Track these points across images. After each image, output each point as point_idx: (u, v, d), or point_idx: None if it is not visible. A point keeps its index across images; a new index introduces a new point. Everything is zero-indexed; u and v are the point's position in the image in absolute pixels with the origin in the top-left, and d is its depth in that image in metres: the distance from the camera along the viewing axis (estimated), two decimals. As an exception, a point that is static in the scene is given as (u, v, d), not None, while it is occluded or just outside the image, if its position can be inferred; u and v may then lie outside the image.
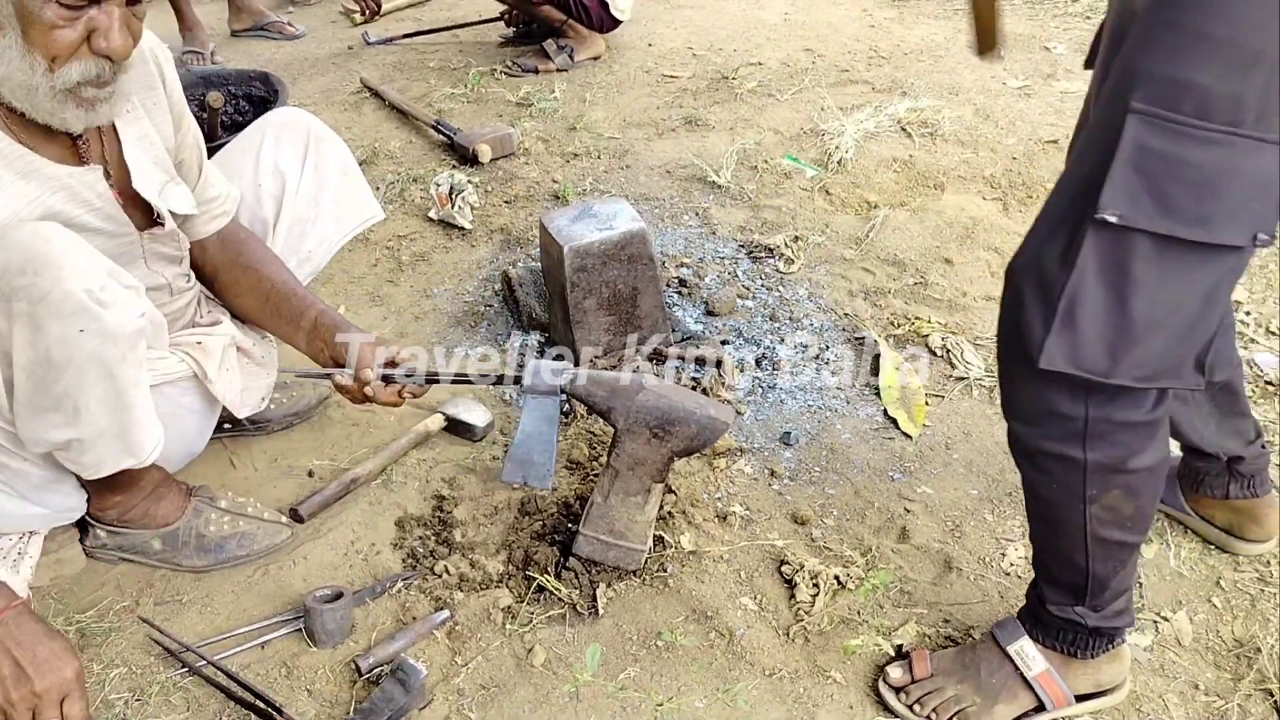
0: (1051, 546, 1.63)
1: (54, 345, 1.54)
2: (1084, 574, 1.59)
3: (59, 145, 1.68)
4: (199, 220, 2.01)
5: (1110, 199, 1.26)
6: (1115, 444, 1.45)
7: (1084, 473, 1.47)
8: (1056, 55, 4.40)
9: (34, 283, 1.50)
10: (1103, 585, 1.61)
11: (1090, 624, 1.65)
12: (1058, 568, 1.63)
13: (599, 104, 4.13)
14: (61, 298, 1.52)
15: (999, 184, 3.40)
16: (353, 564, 2.06)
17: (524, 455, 1.95)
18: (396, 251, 3.15)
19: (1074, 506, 1.52)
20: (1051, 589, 1.66)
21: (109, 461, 1.74)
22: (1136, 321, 1.33)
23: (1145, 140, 1.23)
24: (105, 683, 1.81)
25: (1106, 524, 1.53)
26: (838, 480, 2.28)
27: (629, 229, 2.46)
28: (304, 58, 4.80)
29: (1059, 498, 1.53)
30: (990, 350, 2.65)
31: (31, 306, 1.51)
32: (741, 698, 1.78)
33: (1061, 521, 1.56)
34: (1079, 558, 1.57)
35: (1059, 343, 1.36)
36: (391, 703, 1.69)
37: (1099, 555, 1.56)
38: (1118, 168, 1.25)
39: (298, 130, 2.23)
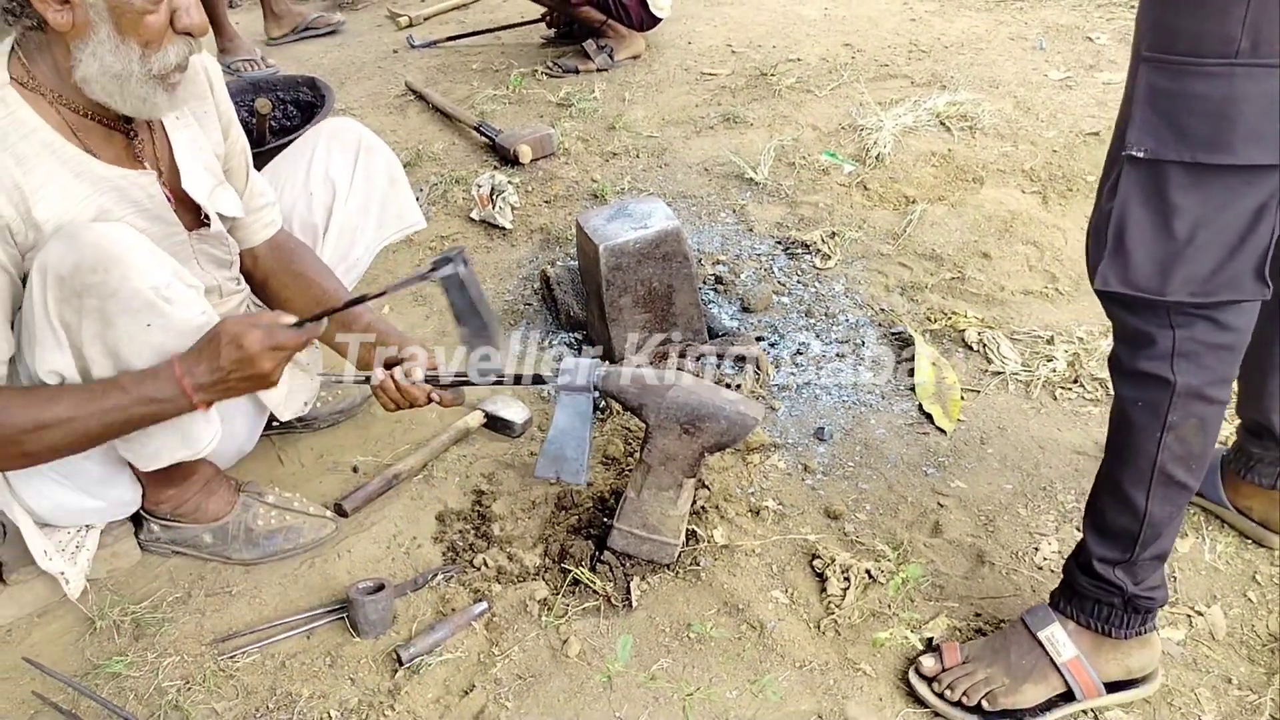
0: (1115, 483, 1.66)
1: (122, 340, 1.64)
2: (1140, 517, 1.63)
3: (115, 147, 1.76)
4: (250, 228, 2.08)
5: (1136, 137, 1.43)
6: (1203, 367, 1.53)
7: (1171, 395, 1.55)
8: (1099, 46, 4.35)
9: (104, 280, 1.59)
10: (1155, 533, 1.64)
11: (1129, 592, 1.67)
12: (1115, 511, 1.66)
13: (638, 103, 4.16)
14: (130, 295, 1.61)
15: (1039, 177, 3.38)
16: (395, 557, 2.12)
17: (557, 451, 1.99)
18: (439, 252, 3.21)
19: (1152, 433, 1.58)
20: (1101, 541, 1.68)
21: (167, 452, 1.82)
22: (1180, 240, 1.45)
23: (1155, 81, 1.40)
24: (159, 670, 1.89)
25: (1175, 459, 1.59)
26: (871, 475, 2.29)
27: (664, 227, 2.50)
28: (350, 62, 4.89)
29: (1141, 419, 1.59)
30: (1028, 345, 2.65)
31: (102, 302, 1.60)
32: (771, 689, 1.81)
33: (1136, 449, 1.61)
34: (1139, 496, 1.62)
35: (1111, 266, 1.51)
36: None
37: (1160, 494, 1.61)
38: (1137, 108, 1.42)
39: (348, 139, 2.29)
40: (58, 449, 1.68)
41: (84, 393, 1.65)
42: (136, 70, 1.61)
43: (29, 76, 1.64)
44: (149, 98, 1.66)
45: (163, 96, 1.68)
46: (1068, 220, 3.15)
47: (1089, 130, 3.62)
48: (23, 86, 1.64)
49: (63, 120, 1.67)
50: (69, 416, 1.64)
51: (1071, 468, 2.27)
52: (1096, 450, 2.30)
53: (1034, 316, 2.77)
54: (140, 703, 1.84)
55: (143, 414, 1.68)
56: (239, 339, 1.66)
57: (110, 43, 1.58)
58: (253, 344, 1.66)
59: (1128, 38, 4.37)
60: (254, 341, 1.66)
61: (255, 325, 1.68)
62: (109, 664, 1.90)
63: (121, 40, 1.58)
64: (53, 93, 1.66)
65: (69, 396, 1.65)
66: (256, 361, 1.67)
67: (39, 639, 1.98)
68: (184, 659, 1.91)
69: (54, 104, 1.66)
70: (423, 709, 1.80)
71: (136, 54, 1.60)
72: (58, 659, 1.92)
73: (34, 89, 1.65)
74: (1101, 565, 1.69)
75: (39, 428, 1.63)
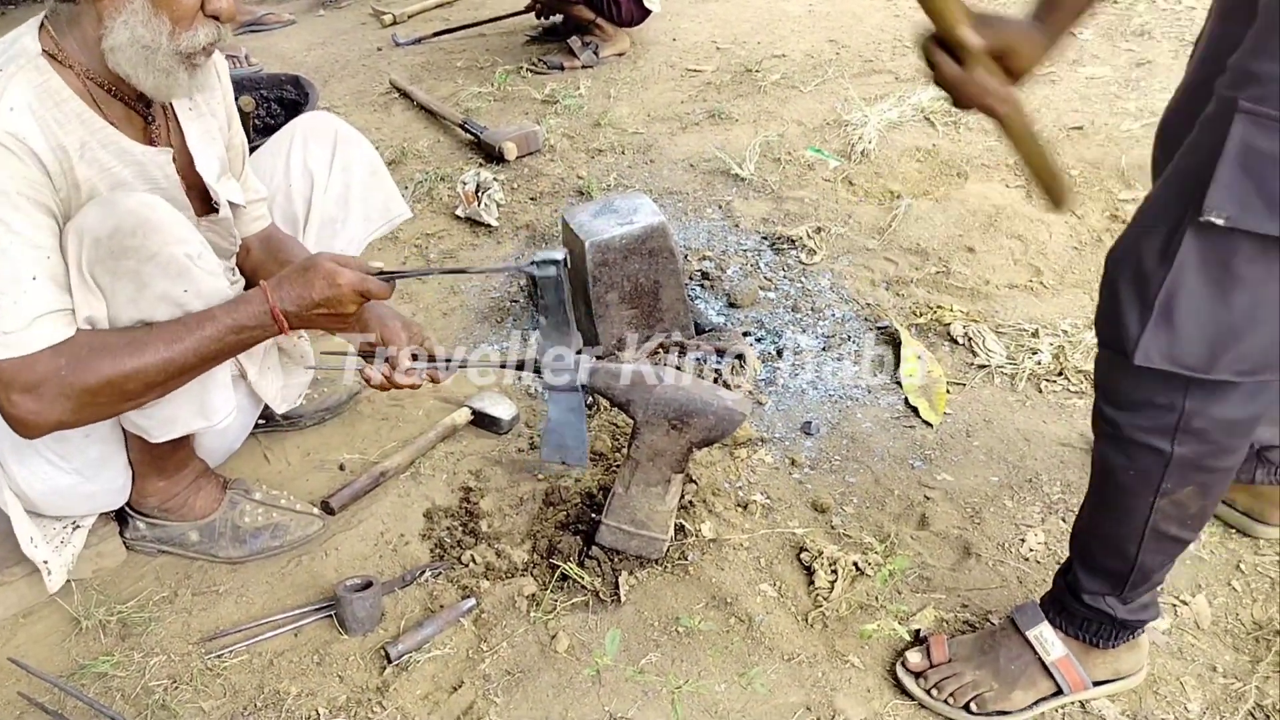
0: (1104, 532, 1.61)
1: (156, 302, 1.66)
2: (1130, 564, 1.58)
3: (134, 126, 1.78)
4: (244, 219, 2.09)
5: (1217, 201, 1.24)
6: (1206, 441, 1.43)
7: (1165, 466, 1.46)
8: (1082, 40, 4.37)
9: (143, 244, 1.62)
10: (1145, 577, 1.61)
11: (1119, 616, 1.65)
12: (1104, 555, 1.62)
13: (623, 99, 4.16)
14: (168, 259, 1.64)
15: (1022, 172, 3.39)
16: (382, 554, 2.11)
17: (558, 441, 1.99)
18: (425, 249, 3.21)
19: (1144, 497, 1.51)
20: (1090, 576, 1.66)
21: (182, 421, 1.83)
22: (1239, 318, 1.31)
23: (1252, 140, 1.21)
24: (145, 670, 1.88)
25: (1169, 519, 1.52)
26: (858, 468, 2.30)
27: (649, 223, 2.50)
28: (334, 60, 4.88)
29: (1133, 485, 1.51)
30: (1012, 338, 2.66)
31: (139, 265, 1.62)
32: (760, 682, 1.81)
33: (1126, 509, 1.55)
34: (1130, 547, 1.57)
35: (1155, 338, 1.35)
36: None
37: (1152, 548, 1.56)
38: (1224, 168, 1.22)
39: (325, 132, 2.29)
40: (154, 387, 1.68)
41: (177, 328, 1.67)
42: (165, 45, 1.63)
43: (58, 49, 1.66)
44: (172, 72, 1.67)
45: (184, 76, 1.69)
46: (1052, 215, 3.16)
47: (1072, 125, 3.63)
48: (53, 59, 1.65)
49: (89, 92, 1.69)
50: (166, 355, 1.65)
51: (1057, 459, 2.28)
52: (1082, 442, 2.31)
53: (1019, 310, 2.78)
54: (127, 702, 1.83)
55: (234, 342, 1.72)
56: (334, 276, 1.70)
57: (143, 14, 1.60)
58: (345, 283, 1.70)
59: (1110, 33, 4.40)
60: (347, 281, 1.71)
61: (348, 266, 1.72)
62: (95, 664, 1.89)
63: (155, 13, 1.61)
64: (80, 65, 1.67)
65: (164, 334, 1.66)
66: (344, 300, 1.72)
67: (24, 640, 1.96)
68: (171, 658, 1.91)
69: (81, 77, 1.68)
70: (411, 706, 1.79)
71: (166, 29, 1.62)
72: (43, 659, 1.91)
73: (63, 61, 1.66)
74: (1090, 596, 1.67)
75: (140, 370, 1.64)
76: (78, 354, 1.61)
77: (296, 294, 1.71)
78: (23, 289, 1.56)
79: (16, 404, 1.59)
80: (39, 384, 1.58)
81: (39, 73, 1.63)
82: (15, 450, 1.84)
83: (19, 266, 1.56)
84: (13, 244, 1.55)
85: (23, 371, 1.58)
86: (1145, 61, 4.07)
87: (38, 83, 1.62)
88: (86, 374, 1.60)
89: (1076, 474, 2.24)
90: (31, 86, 1.61)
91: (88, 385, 1.61)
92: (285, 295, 1.71)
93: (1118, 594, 1.64)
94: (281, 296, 1.71)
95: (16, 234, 1.55)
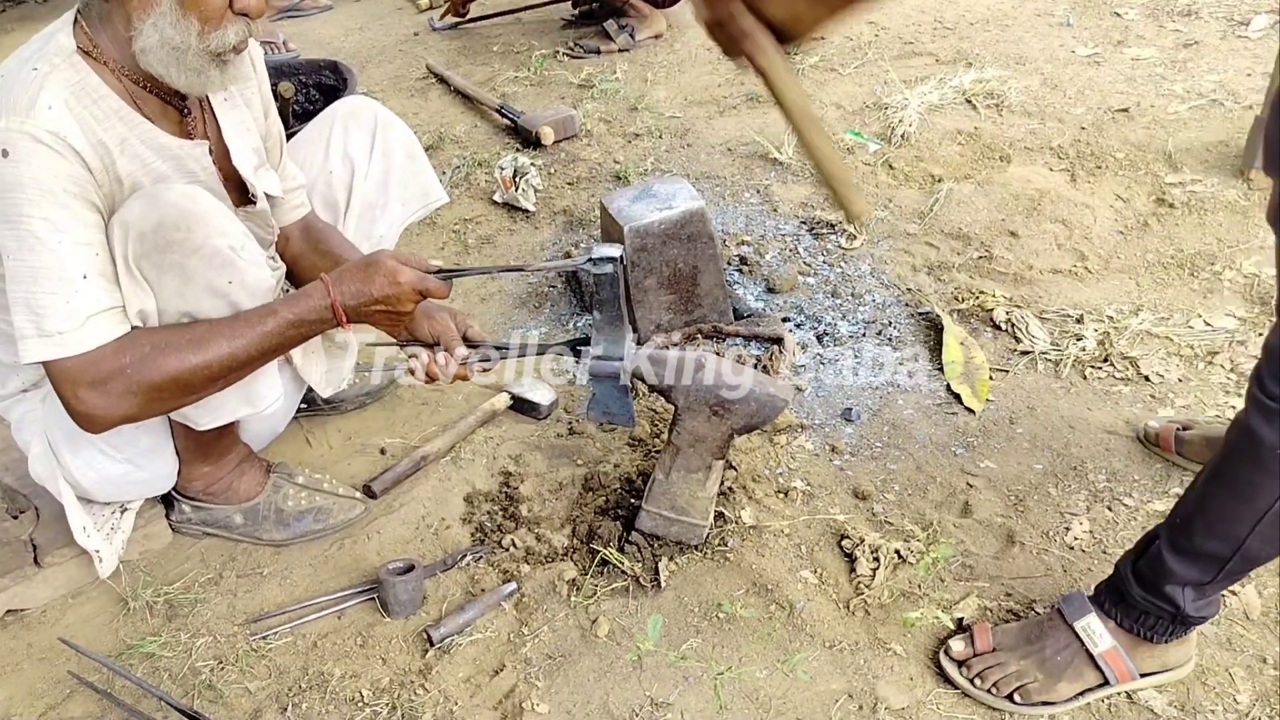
0: (1219, 511, 1.56)
1: (202, 294, 1.67)
2: (1234, 548, 1.54)
3: (170, 120, 1.79)
4: (282, 208, 2.10)
5: None
6: None
7: None
8: (1128, 21, 4.29)
9: (187, 237, 1.63)
10: (1243, 566, 1.56)
11: (1185, 610, 1.61)
12: (1207, 536, 1.57)
13: (660, 83, 4.14)
14: (212, 252, 1.65)
15: (1067, 154, 3.34)
16: (424, 538, 2.13)
17: (604, 409, 1.96)
18: (463, 235, 3.21)
19: (1273, 490, 1.47)
20: (1181, 559, 1.59)
21: (229, 409, 1.85)
22: None
23: None
24: (192, 651, 1.90)
25: None
26: (899, 455, 2.28)
27: (688, 208, 2.49)
28: (371, 45, 4.89)
29: (1273, 465, 1.46)
30: (1056, 324, 2.63)
31: (184, 258, 1.63)
32: (801, 668, 1.81)
33: (1255, 488, 1.50)
34: (1240, 529, 1.52)
35: None
36: None
37: (1265, 534, 1.51)
38: None
39: (364, 117, 2.29)
40: (215, 381, 1.71)
41: (238, 323, 1.69)
42: (194, 45, 1.64)
43: (93, 45, 1.66)
44: (203, 72, 1.68)
45: (215, 73, 1.70)
46: (1096, 198, 3.12)
47: (1118, 107, 3.57)
48: (88, 55, 1.66)
49: (125, 89, 1.70)
50: (230, 350, 1.68)
51: (1102, 447, 2.25)
52: (1127, 429, 2.28)
53: (1063, 295, 2.74)
54: (174, 682, 1.85)
55: (294, 335, 1.74)
56: (395, 274, 1.71)
57: (171, 15, 1.61)
58: (406, 281, 1.72)
59: (1156, 13, 4.32)
60: (407, 279, 1.72)
61: (409, 264, 1.73)
62: (143, 644, 1.91)
63: (183, 14, 1.61)
64: (115, 62, 1.68)
65: (225, 329, 1.68)
66: (403, 299, 1.73)
67: (73, 620, 2.00)
68: (217, 639, 1.93)
69: (117, 73, 1.69)
70: (453, 688, 1.80)
71: (195, 29, 1.62)
72: (92, 639, 1.94)
73: (98, 58, 1.67)
74: (1172, 586, 1.62)
75: (204, 365, 1.66)
76: (141, 351, 1.63)
77: (357, 289, 1.72)
78: (74, 288, 1.58)
79: (84, 400, 1.62)
80: (105, 380, 1.61)
81: (75, 70, 1.64)
82: (69, 440, 1.87)
83: (68, 265, 1.57)
84: (62, 243, 1.56)
85: (88, 368, 1.60)
86: (1192, 42, 3.99)
87: (74, 80, 1.63)
88: (152, 371, 1.63)
89: (1122, 462, 2.21)
90: (68, 84, 1.62)
91: (154, 381, 1.63)
92: (346, 290, 1.73)
93: (1205, 582, 1.59)
94: (343, 291, 1.72)
95: (65, 232, 1.57)
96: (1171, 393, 2.40)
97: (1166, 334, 2.55)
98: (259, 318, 1.70)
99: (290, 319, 1.71)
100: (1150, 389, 2.41)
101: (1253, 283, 2.70)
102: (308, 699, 1.81)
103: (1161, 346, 2.52)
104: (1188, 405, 2.36)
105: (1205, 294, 2.71)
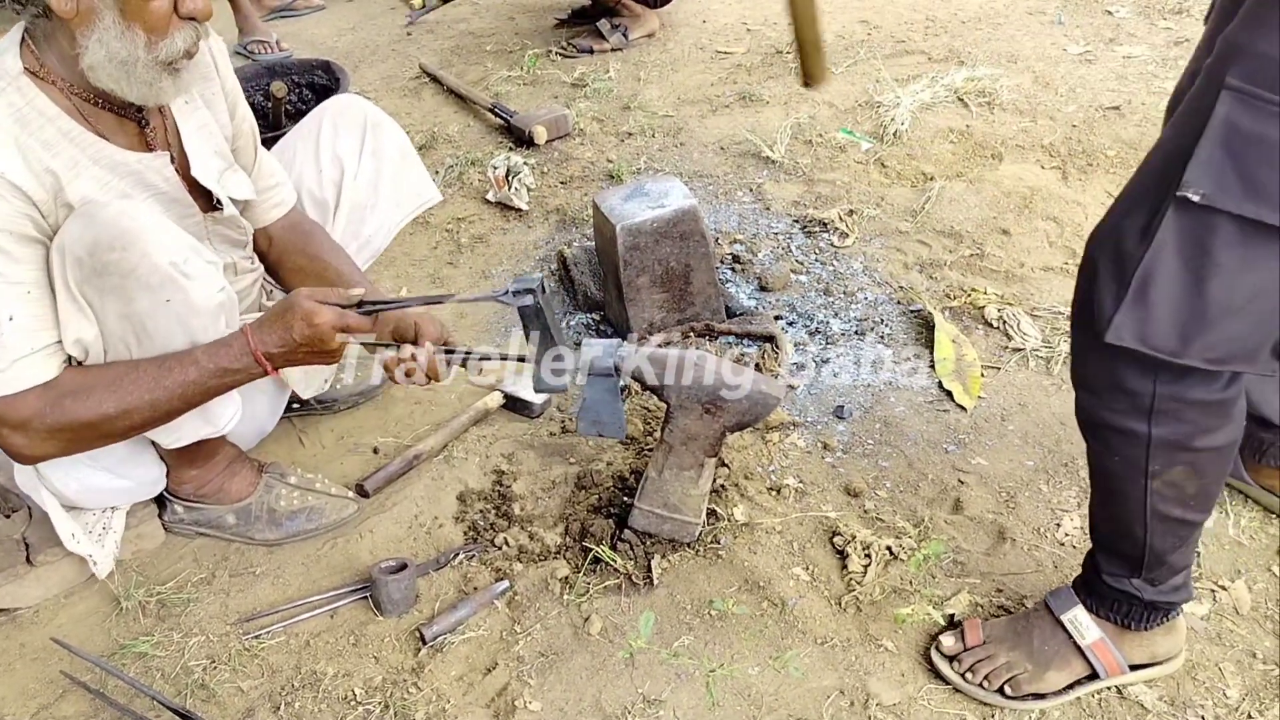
0: (1110, 517, 1.61)
1: (144, 316, 1.66)
2: (1141, 547, 1.57)
3: (127, 134, 1.77)
4: (259, 208, 2.08)
5: (1195, 177, 1.22)
6: (1182, 421, 1.42)
7: (1147, 448, 1.45)
8: (1119, 19, 4.30)
9: (123, 257, 1.60)
10: (1159, 560, 1.59)
11: (1147, 598, 1.64)
12: (1115, 539, 1.62)
13: (653, 82, 4.14)
14: (149, 271, 1.63)
15: (1058, 153, 3.35)
16: (416, 537, 2.13)
17: (594, 417, 1.98)
18: (455, 234, 3.22)
19: (1135, 480, 1.50)
20: (1108, 559, 1.66)
21: (189, 430, 1.84)
22: (1213, 304, 1.29)
23: (1237, 119, 1.19)
24: (185, 650, 1.90)
25: (1168, 500, 1.51)
26: (891, 453, 2.29)
27: (681, 206, 2.49)
28: (364, 45, 4.88)
29: (1120, 470, 1.51)
30: (1048, 321, 2.63)
31: (122, 280, 1.61)
32: (793, 665, 1.81)
33: (1121, 493, 1.54)
34: (1137, 530, 1.56)
35: (1128, 319, 1.33)
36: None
37: (1158, 530, 1.54)
38: (1205, 145, 1.21)
39: (354, 116, 2.28)
40: (136, 428, 1.72)
41: (161, 371, 1.69)
42: (143, 57, 1.61)
43: (40, 65, 1.64)
44: (155, 83, 1.66)
45: (169, 82, 1.68)
46: (1088, 196, 3.12)
47: (1109, 105, 3.58)
48: (35, 76, 1.64)
49: (76, 108, 1.68)
50: (150, 398, 1.68)
51: (1093, 444, 2.26)
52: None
53: (1054, 293, 2.75)
54: (167, 682, 1.85)
55: (218, 384, 1.73)
56: (311, 316, 1.69)
57: (115, 29, 1.58)
58: (324, 322, 1.70)
59: (1148, 10, 4.33)
60: (325, 320, 1.70)
61: (326, 304, 1.72)
62: (135, 644, 1.91)
63: (127, 27, 1.58)
64: (64, 80, 1.66)
65: (148, 377, 1.68)
66: (325, 340, 1.72)
67: (66, 620, 2.00)
68: (209, 639, 1.93)
69: (66, 92, 1.66)
70: (446, 686, 1.81)
71: (142, 40, 1.60)
72: (85, 639, 1.94)
73: (46, 78, 1.65)
74: (1112, 578, 1.66)
75: (122, 412, 1.67)
76: (60, 396, 1.64)
77: (278, 337, 1.71)
78: (0, 330, 1.58)
79: (9, 439, 1.65)
80: (26, 422, 1.63)
81: (21, 95, 1.62)
82: None
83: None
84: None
85: (10, 411, 1.62)
86: (1183, 40, 4.00)
87: (20, 106, 1.61)
88: (70, 417, 1.65)
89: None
90: (13, 111, 1.60)
91: (72, 426, 1.66)
92: (267, 339, 1.71)
93: (1138, 576, 1.63)
94: (263, 339, 1.71)
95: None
96: (1162, 389, 2.40)
97: (1157, 331, 2.56)
98: (180, 366, 1.69)
99: (211, 369, 1.70)
100: (1141, 385, 2.42)
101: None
102: (300, 698, 1.81)
103: (1152, 343, 2.53)
104: (1178, 402, 2.37)
105: (1196, 291, 2.72)
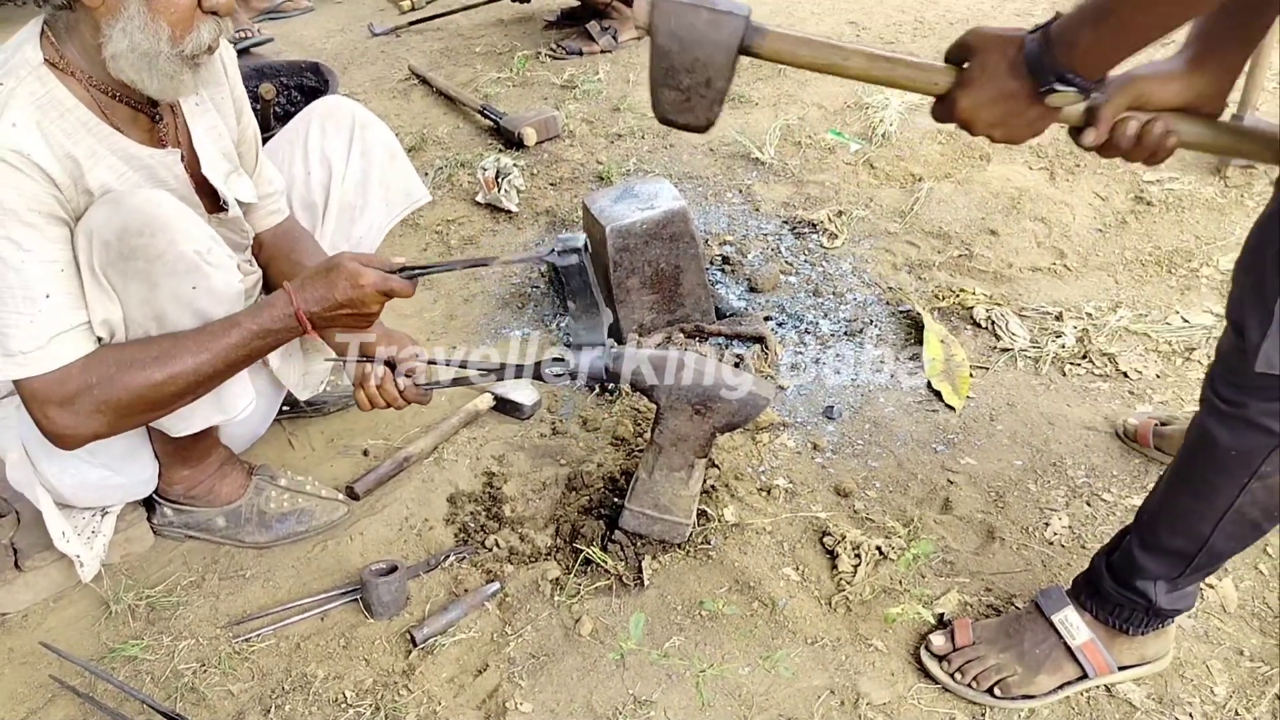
0: (1182, 510, 1.57)
1: (168, 302, 1.66)
2: (1199, 544, 1.55)
3: (140, 128, 1.78)
4: (258, 213, 2.08)
5: None
6: None
7: (1273, 449, 1.43)
8: (1107, 20, 4.32)
9: (150, 243, 1.61)
10: (1211, 561, 1.58)
11: (1158, 604, 1.63)
12: (1172, 533, 1.59)
13: (643, 84, 4.14)
14: (176, 257, 1.64)
15: (1045, 153, 3.37)
16: (407, 539, 2.13)
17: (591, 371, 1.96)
18: (445, 235, 3.22)
19: (1237, 478, 1.48)
20: (1150, 555, 1.62)
21: (200, 417, 1.84)
22: None
23: None
24: (174, 654, 1.90)
25: (1256, 505, 1.49)
26: (880, 453, 2.30)
27: (670, 208, 2.49)
28: (353, 46, 4.88)
29: (1230, 465, 1.48)
30: (1036, 321, 2.64)
31: (148, 265, 1.62)
32: (784, 665, 1.82)
33: (1214, 488, 1.51)
34: (1204, 527, 1.54)
35: (1275, 346, 1.34)
36: None
37: (1228, 532, 1.53)
38: None
39: (342, 117, 2.28)
40: (184, 395, 1.71)
41: (203, 336, 1.69)
42: (166, 50, 1.62)
43: (60, 57, 1.65)
44: (176, 76, 1.67)
45: (188, 77, 1.69)
46: (1075, 196, 3.14)
47: (1096, 105, 3.59)
48: (55, 67, 1.65)
49: (93, 100, 1.69)
50: (195, 364, 1.67)
51: (1081, 443, 2.27)
52: (1106, 425, 2.30)
53: (1042, 293, 2.76)
54: (156, 685, 1.85)
55: (260, 346, 1.74)
56: (357, 276, 1.70)
57: (140, 20, 1.59)
58: (369, 283, 1.71)
59: (1134, 12, 4.34)
60: (370, 281, 1.71)
61: (371, 265, 1.72)
62: (125, 648, 1.91)
63: (151, 18, 1.59)
64: (82, 72, 1.67)
65: (190, 343, 1.68)
66: (368, 301, 1.72)
67: (55, 624, 1.99)
68: (199, 642, 1.93)
69: (85, 84, 1.67)
70: (437, 688, 1.81)
71: (166, 33, 1.61)
72: (74, 643, 1.94)
73: (65, 69, 1.66)
74: (1143, 581, 1.64)
75: (170, 380, 1.66)
76: (107, 369, 1.63)
77: (320, 295, 1.72)
78: (39, 308, 1.57)
79: (53, 419, 1.62)
80: (72, 399, 1.61)
81: (41, 84, 1.62)
82: (45, 447, 1.85)
83: (33, 285, 1.56)
84: (25, 262, 1.55)
85: (54, 388, 1.60)
86: (1170, 41, 4.01)
87: (41, 94, 1.62)
88: (118, 389, 1.63)
89: (1101, 457, 2.23)
90: (34, 99, 1.61)
91: (120, 399, 1.64)
92: (309, 297, 1.72)
93: (1174, 577, 1.61)
94: (305, 298, 1.72)
95: (29, 251, 1.56)
96: (1150, 389, 2.42)
97: (1145, 330, 2.58)
98: (223, 330, 1.69)
99: (254, 329, 1.71)
100: (1129, 385, 2.43)
101: (1229, 279, 2.73)
102: (291, 701, 1.80)
103: (1140, 343, 2.55)
104: (1166, 401, 2.38)
105: (1183, 290, 2.74)
